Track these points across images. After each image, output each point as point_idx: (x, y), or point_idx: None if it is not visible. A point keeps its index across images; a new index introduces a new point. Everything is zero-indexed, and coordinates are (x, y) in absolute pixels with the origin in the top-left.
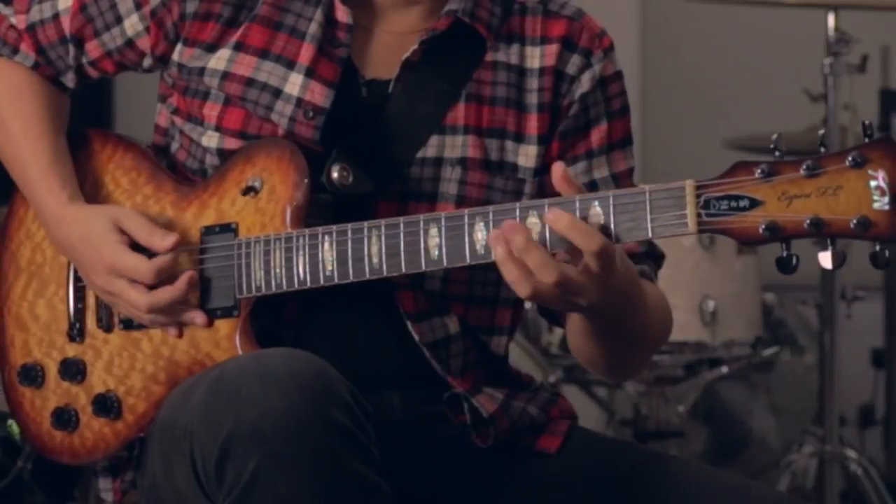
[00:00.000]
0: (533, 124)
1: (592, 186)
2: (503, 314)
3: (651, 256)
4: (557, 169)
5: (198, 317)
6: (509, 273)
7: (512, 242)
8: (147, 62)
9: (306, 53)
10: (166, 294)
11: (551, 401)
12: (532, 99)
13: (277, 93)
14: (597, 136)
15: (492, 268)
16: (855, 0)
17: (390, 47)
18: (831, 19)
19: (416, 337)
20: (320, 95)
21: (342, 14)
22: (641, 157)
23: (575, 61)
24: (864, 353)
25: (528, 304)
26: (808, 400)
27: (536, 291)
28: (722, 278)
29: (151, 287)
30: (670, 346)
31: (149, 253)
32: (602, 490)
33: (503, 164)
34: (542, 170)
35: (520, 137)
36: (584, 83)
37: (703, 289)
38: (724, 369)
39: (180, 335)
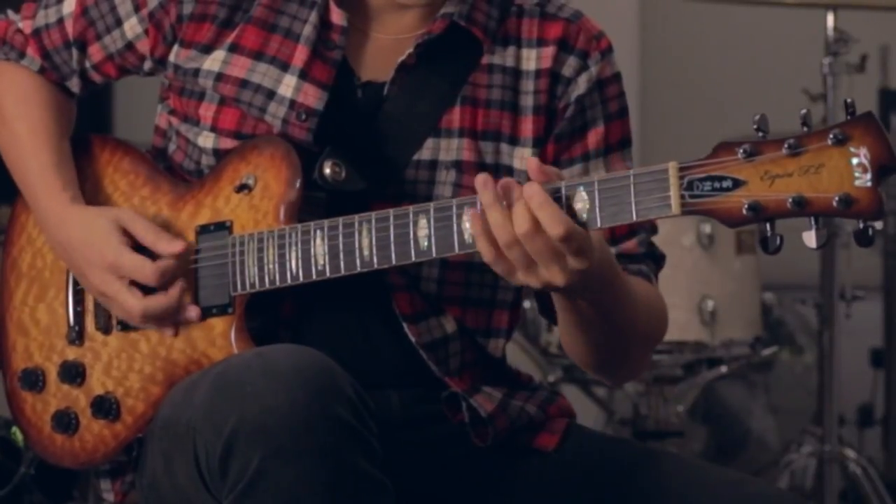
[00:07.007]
0: (528, 127)
1: None
2: (500, 317)
3: (651, 257)
4: (531, 162)
5: (191, 311)
6: (493, 217)
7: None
8: (147, 65)
9: (300, 55)
10: (161, 301)
11: (550, 399)
12: (527, 101)
13: (271, 94)
14: (593, 138)
15: (489, 270)
16: (854, 0)
17: (386, 50)
18: (831, 19)
19: (413, 338)
20: (313, 98)
21: (337, 16)
22: (641, 156)
23: (571, 63)
24: (864, 353)
25: (526, 304)
26: (808, 400)
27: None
28: (721, 278)
29: (148, 292)
30: (669, 345)
31: (150, 255)
32: (600, 487)
33: (498, 167)
34: None
35: (515, 140)
36: (581, 85)
37: (703, 289)
38: (724, 369)
39: (176, 333)
